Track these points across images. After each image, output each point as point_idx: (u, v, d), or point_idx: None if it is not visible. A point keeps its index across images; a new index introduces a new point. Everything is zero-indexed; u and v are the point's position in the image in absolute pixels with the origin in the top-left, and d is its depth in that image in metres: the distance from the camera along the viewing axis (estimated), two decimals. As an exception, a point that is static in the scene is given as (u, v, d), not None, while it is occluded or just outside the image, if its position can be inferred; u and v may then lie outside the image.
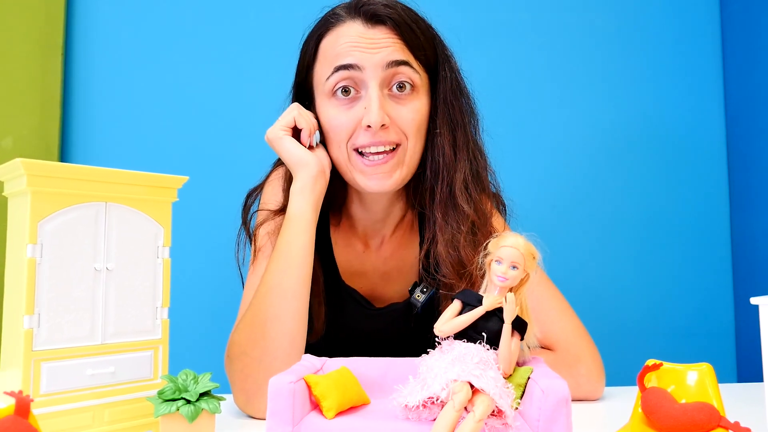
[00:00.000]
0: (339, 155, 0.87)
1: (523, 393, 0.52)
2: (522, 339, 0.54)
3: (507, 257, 0.53)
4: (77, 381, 0.56)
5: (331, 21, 0.86)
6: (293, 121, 0.86)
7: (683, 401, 0.53)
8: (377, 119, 0.81)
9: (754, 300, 0.57)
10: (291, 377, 0.51)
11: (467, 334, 0.53)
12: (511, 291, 0.53)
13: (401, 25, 0.84)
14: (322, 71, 0.86)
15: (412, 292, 0.92)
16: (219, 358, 0.83)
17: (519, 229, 0.55)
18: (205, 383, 0.56)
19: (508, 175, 0.99)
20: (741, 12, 1.54)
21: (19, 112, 1.40)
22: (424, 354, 0.54)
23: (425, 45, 0.87)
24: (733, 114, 1.57)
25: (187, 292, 1.31)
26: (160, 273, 0.63)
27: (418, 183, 0.91)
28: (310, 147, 0.86)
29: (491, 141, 0.95)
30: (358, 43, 0.83)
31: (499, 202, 0.95)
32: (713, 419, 0.50)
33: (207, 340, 1.30)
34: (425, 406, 0.50)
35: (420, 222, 0.96)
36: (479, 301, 0.53)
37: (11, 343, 0.55)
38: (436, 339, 0.54)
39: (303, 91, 0.92)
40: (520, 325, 0.53)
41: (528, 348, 0.56)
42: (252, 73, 1.52)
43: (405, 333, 0.94)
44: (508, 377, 0.52)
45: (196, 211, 1.41)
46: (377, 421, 0.51)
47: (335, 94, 0.85)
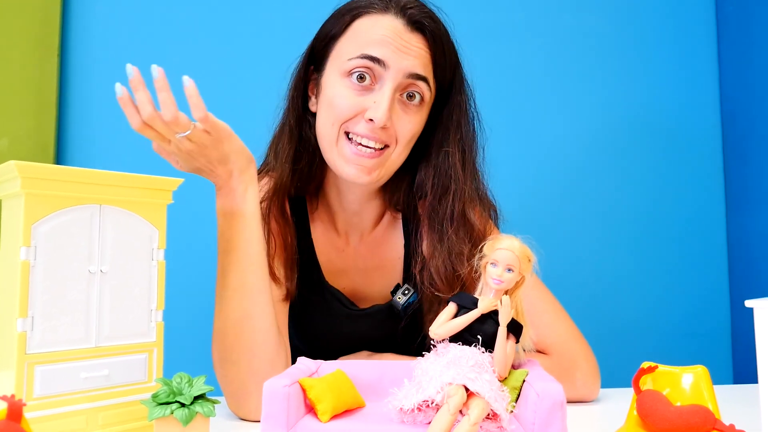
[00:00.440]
0: (328, 132, 0.86)
1: (519, 396, 0.52)
2: (517, 342, 0.54)
3: (502, 260, 0.53)
4: (71, 384, 0.56)
5: (375, 5, 0.86)
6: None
7: (678, 404, 0.53)
8: (382, 119, 0.82)
9: (749, 303, 0.57)
10: (285, 380, 0.51)
11: (462, 336, 0.53)
12: (507, 294, 0.53)
13: (436, 42, 0.87)
14: (346, 49, 0.86)
15: (393, 293, 0.94)
16: (213, 361, 0.83)
17: (513, 232, 0.55)
18: (200, 386, 0.56)
19: (501, 177, 1.00)
20: (736, 11, 1.54)
21: (15, 113, 1.39)
22: (419, 357, 0.54)
23: (447, 67, 0.90)
24: (729, 115, 1.57)
25: (182, 294, 1.30)
26: (154, 275, 0.62)
27: (398, 188, 0.95)
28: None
29: (486, 139, 0.96)
30: (393, 41, 0.83)
31: (490, 208, 0.97)
32: (708, 422, 0.50)
33: (201, 343, 1.28)
34: (420, 409, 0.50)
35: (404, 225, 0.99)
36: (474, 304, 0.53)
37: (4, 346, 0.55)
38: (431, 342, 0.54)
39: (313, 55, 0.92)
40: (515, 328, 0.53)
41: (523, 351, 0.57)
42: (247, 76, 1.51)
43: (389, 334, 0.95)
44: (503, 380, 0.52)
45: (191, 214, 1.40)
46: (372, 425, 0.51)
47: (350, 75, 0.85)
